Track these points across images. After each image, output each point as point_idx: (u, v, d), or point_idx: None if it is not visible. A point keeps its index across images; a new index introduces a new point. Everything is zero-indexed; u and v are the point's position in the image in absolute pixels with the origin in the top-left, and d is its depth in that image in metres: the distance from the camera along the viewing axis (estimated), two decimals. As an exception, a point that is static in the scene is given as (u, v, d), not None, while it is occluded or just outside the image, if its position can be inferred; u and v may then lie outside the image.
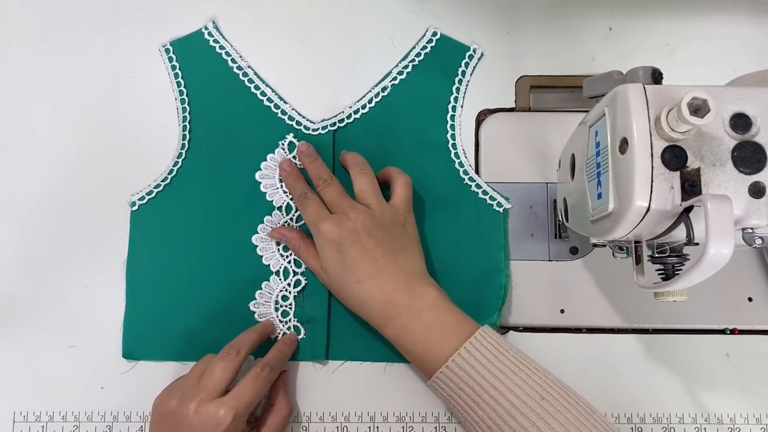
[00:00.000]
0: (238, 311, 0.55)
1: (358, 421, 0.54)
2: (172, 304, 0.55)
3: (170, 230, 0.56)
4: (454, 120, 0.58)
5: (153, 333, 0.54)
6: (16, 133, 0.58)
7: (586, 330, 0.56)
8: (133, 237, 0.56)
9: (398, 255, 0.50)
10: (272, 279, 0.55)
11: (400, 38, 0.60)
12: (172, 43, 0.58)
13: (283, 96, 0.58)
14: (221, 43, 0.58)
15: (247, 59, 0.59)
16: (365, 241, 0.49)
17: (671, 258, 0.42)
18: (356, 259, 0.49)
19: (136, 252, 0.55)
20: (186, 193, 0.56)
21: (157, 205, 0.56)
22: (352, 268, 0.49)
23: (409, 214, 0.53)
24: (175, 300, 0.55)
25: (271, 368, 0.49)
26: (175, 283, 0.55)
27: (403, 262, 0.50)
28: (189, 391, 0.47)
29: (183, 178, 0.56)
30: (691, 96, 0.35)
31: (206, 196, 0.56)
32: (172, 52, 0.58)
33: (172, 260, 0.55)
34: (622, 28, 0.60)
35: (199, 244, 0.55)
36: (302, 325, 0.55)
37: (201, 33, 0.59)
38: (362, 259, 0.49)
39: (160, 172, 0.57)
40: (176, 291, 0.55)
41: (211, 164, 0.56)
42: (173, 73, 0.58)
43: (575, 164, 0.48)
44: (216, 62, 0.58)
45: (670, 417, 0.54)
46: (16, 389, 0.54)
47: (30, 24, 0.59)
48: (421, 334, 0.48)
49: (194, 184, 0.56)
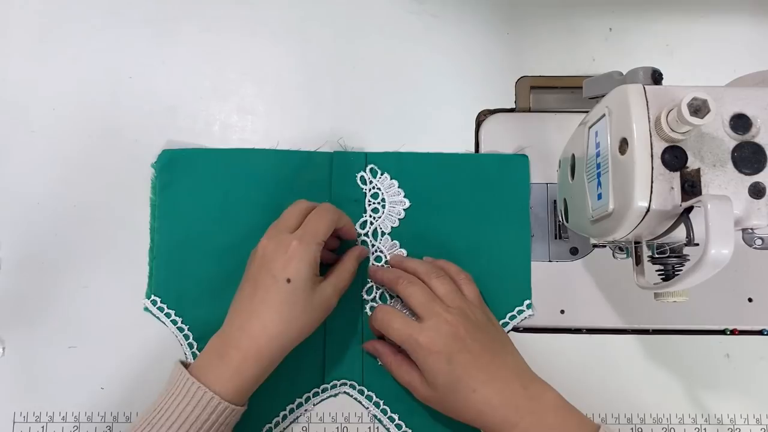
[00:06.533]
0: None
1: (358, 422, 0.54)
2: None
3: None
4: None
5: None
6: (16, 133, 0.58)
7: (586, 330, 0.56)
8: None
9: (503, 355, 0.48)
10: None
11: (400, 38, 0.60)
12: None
13: (282, 96, 0.58)
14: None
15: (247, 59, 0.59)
16: (471, 347, 0.47)
17: (671, 259, 0.42)
18: (467, 367, 0.46)
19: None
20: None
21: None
22: (465, 378, 0.46)
23: (486, 309, 0.52)
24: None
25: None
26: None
27: (510, 362, 0.48)
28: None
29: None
30: (691, 96, 0.35)
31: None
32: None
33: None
34: (622, 28, 0.60)
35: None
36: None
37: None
38: (473, 366, 0.46)
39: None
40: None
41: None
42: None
43: (575, 165, 0.48)
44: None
45: (670, 417, 0.54)
46: (16, 389, 0.54)
47: (30, 24, 0.59)
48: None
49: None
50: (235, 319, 0.47)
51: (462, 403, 0.46)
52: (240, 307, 0.48)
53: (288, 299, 0.46)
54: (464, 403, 0.46)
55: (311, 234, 0.48)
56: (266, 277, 0.47)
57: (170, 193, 0.56)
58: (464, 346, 0.47)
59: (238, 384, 0.45)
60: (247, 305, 0.47)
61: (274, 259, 0.47)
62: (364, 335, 0.54)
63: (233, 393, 0.45)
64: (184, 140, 0.57)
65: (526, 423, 0.45)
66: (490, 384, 0.46)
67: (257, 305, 0.47)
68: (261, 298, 0.46)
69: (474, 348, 0.47)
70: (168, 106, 0.58)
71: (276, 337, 0.46)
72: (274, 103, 0.59)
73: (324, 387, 0.54)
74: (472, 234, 0.56)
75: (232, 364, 0.46)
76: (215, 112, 0.59)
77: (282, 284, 0.46)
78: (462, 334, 0.47)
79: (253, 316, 0.46)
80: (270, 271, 0.47)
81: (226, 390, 0.45)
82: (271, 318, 0.46)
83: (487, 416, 0.46)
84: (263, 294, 0.46)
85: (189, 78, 0.59)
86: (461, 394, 0.46)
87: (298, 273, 0.46)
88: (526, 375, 0.48)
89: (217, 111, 0.59)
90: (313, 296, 0.47)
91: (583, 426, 0.46)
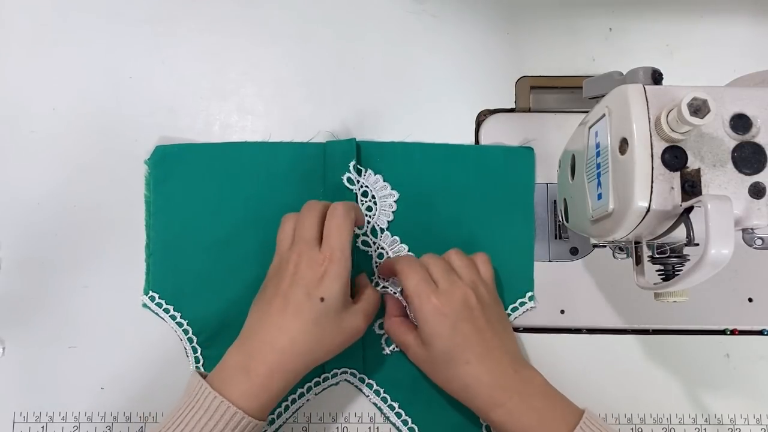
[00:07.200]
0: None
1: (358, 422, 0.54)
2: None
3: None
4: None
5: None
6: (16, 133, 0.58)
7: (586, 330, 0.56)
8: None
9: (503, 337, 0.49)
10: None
11: (400, 38, 0.60)
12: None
13: (282, 96, 0.58)
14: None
15: (247, 59, 0.59)
16: (477, 320, 0.47)
17: (671, 258, 0.42)
18: (468, 338, 0.46)
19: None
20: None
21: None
22: (463, 347, 0.46)
23: (496, 293, 0.52)
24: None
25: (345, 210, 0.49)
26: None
27: (508, 345, 0.49)
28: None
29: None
30: (691, 96, 0.35)
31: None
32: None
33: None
34: (622, 28, 0.60)
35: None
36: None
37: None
38: (474, 338, 0.47)
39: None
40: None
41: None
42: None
43: (575, 165, 0.48)
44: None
45: (670, 417, 0.54)
46: (16, 389, 0.54)
47: (30, 24, 0.59)
48: (531, 421, 0.45)
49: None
50: (260, 332, 0.46)
51: (452, 372, 0.47)
52: (267, 321, 0.46)
53: (320, 319, 0.46)
54: (455, 372, 0.47)
55: (340, 250, 0.47)
56: (299, 294, 0.46)
57: (164, 189, 0.56)
58: (471, 316, 0.47)
59: (264, 400, 0.45)
60: (276, 320, 0.46)
61: (306, 276, 0.46)
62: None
63: (257, 408, 0.44)
64: (184, 140, 0.57)
65: (512, 404, 0.46)
66: (484, 360, 0.47)
67: (288, 321, 0.46)
68: (293, 315, 0.46)
69: (479, 322, 0.47)
70: (168, 106, 0.58)
71: (304, 355, 0.46)
72: (274, 103, 0.59)
73: (325, 376, 0.54)
74: (474, 226, 0.56)
75: (257, 380, 0.44)
76: (215, 112, 0.59)
77: (315, 302, 0.46)
78: (472, 304, 0.48)
79: (283, 332, 0.45)
80: (304, 288, 0.46)
81: (250, 406, 0.44)
82: (301, 335, 0.45)
83: (473, 391, 0.47)
84: (295, 310, 0.46)
85: (189, 78, 0.59)
86: (454, 362, 0.47)
87: (332, 293, 0.46)
88: (519, 360, 0.48)
89: (217, 111, 0.59)
90: (345, 318, 0.47)
91: (568, 411, 0.46)
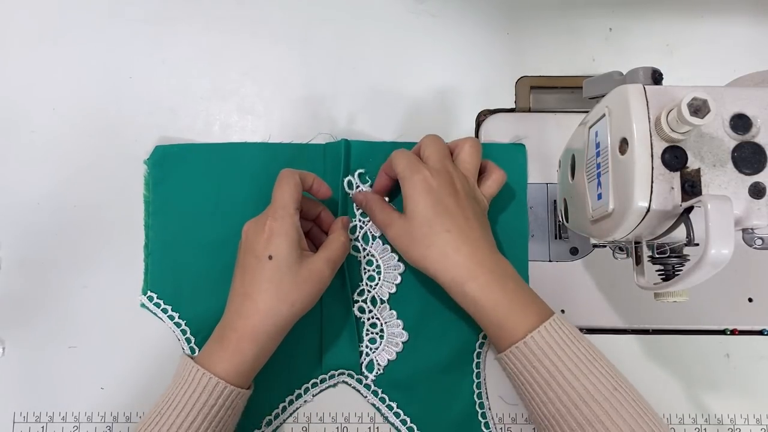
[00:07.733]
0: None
1: (358, 422, 0.54)
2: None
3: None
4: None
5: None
6: (16, 133, 0.58)
7: (586, 330, 0.56)
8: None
9: (484, 227, 0.50)
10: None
11: (400, 38, 0.60)
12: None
13: (282, 96, 0.58)
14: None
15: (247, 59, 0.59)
16: (461, 198, 0.49)
17: (671, 258, 0.42)
18: (451, 210, 0.48)
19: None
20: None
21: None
22: (444, 217, 0.47)
23: (486, 209, 0.52)
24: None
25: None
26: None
27: (487, 234, 0.50)
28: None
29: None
30: (691, 96, 0.35)
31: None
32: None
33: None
34: (622, 28, 0.60)
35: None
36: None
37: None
38: (456, 212, 0.48)
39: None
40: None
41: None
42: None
43: (575, 165, 0.48)
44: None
45: (670, 417, 0.54)
46: (16, 389, 0.54)
47: (30, 24, 0.59)
48: (504, 300, 0.46)
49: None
50: (231, 305, 0.49)
51: (430, 240, 0.47)
52: (233, 293, 0.49)
53: (273, 276, 0.47)
54: (433, 240, 0.47)
55: (280, 206, 0.48)
56: (250, 259, 0.48)
57: (164, 189, 0.56)
58: (455, 192, 0.48)
59: (237, 365, 0.46)
60: (239, 289, 0.48)
61: (255, 241, 0.48)
62: (359, 324, 0.54)
63: (234, 374, 0.46)
64: (184, 140, 0.57)
65: (486, 279, 0.47)
66: (463, 232, 0.47)
67: (247, 287, 0.47)
68: (249, 280, 0.47)
69: (462, 201, 0.49)
70: (168, 106, 0.58)
71: (268, 314, 0.47)
72: (274, 103, 0.59)
73: (322, 377, 0.54)
74: None
75: (229, 346, 0.47)
76: (215, 112, 0.59)
77: (265, 262, 0.47)
78: (457, 186, 0.49)
79: (246, 298, 0.47)
80: (253, 252, 0.48)
81: (226, 372, 0.46)
82: (260, 296, 0.47)
83: (451, 259, 0.47)
84: (250, 276, 0.47)
85: (189, 78, 0.59)
86: (433, 230, 0.47)
87: (278, 248, 0.47)
88: (495, 249, 0.49)
89: (217, 111, 0.59)
90: (300, 269, 0.48)
91: (540, 304, 0.47)
